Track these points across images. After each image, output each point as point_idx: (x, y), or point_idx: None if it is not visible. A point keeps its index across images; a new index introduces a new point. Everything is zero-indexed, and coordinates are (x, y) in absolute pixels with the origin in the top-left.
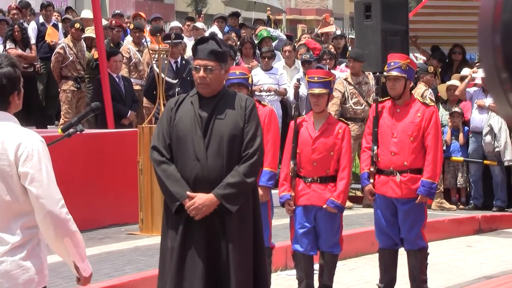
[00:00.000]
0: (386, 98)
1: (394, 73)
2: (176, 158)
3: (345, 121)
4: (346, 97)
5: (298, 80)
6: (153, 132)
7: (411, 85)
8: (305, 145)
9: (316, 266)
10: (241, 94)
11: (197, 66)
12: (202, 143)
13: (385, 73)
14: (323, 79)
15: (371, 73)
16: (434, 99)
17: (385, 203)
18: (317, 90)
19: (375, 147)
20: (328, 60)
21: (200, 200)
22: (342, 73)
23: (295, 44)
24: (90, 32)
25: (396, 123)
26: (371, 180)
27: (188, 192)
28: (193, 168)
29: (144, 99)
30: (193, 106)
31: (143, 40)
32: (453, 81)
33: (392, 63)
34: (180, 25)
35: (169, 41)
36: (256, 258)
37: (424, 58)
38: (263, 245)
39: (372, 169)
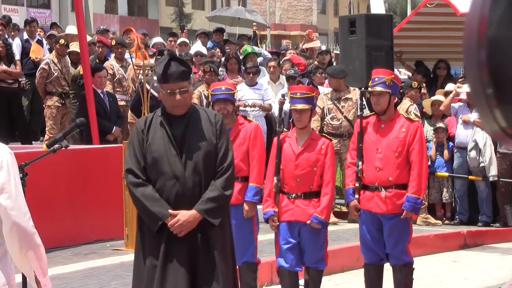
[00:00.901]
0: (371, 113)
1: (378, 88)
2: (153, 178)
3: (328, 136)
4: (325, 112)
5: (283, 95)
6: None
7: (395, 101)
8: (288, 161)
9: (301, 282)
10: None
11: (171, 91)
12: (179, 162)
13: (369, 89)
14: (306, 95)
15: (356, 88)
16: (419, 115)
17: (370, 219)
18: (299, 106)
19: (360, 163)
20: (318, 75)
21: (184, 217)
22: (326, 88)
23: (280, 59)
24: (75, 46)
25: (380, 138)
26: (356, 196)
27: (170, 211)
28: (172, 186)
29: (129, 115)
30: (164, 126)
31: (126, 56)
32: (438, 96)
33: (376, 79)
34: (162, 40)
35: (158, 57)
36: (234, 269)
37: (408, 74)
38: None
39: (357, 184)
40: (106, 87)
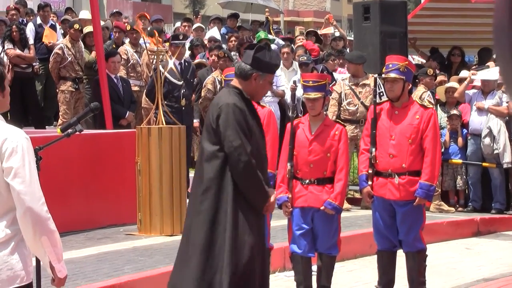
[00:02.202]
0: (384, 100)
1: (392, 75)
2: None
3: (342, 122)
4: (342, 98)
5: (295, 82)
6: (151, 133)
7: (409, 87)
8: (301, 147)
9: (314, 268)
10: None
11: (270, 81)
12: (264, 146)
13: (383, 75)
14: (318, 83)
15: (374, 75)
16: (432, 101)
17: (383, 205)
18: (312, 95)
19: (373, 149)
20: (331, 61)
21: (273, 198)
22: (340, 74)
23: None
24: (90, 29)
25: (394, 125)
26: (370, 182)
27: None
28: (265, 168)
29: (143, 100)
30: (253, 111)
31: (141, 41)
32: (452, 83)
33: (390, 65)
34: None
35: (177, 41)
36: None
37: (423, 61)
38: None
39: (370, 171)
40: (120, 72)
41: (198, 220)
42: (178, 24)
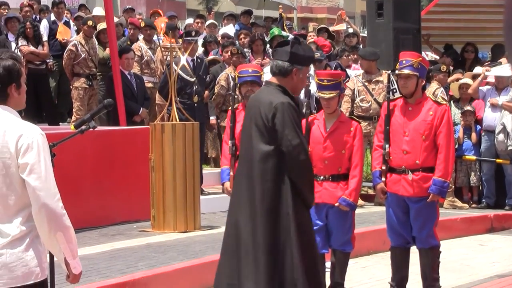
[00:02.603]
0: (398, 96)
1: (405, 71)
2: None
3: (357, 119)
4: (356, 94)
5: (308, 78)
6: (165, 129)
7: (423, 84)
8: (316, 143)
9: (328, 264)
10: None
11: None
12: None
13: (396, 71)
14: (333, 81)
15: (387, 72)
16: (446, 98)
17: (397, 202)
18: (327, 94)
19: (387, 146)
20: (345, 57)
21: None
22: (356, 71)
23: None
24: (104, 26)
25: (408, 121)
26: (383, 179)
27: None
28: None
29: (157, 96)
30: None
31: (155, 38)
32: (466, 80)
33: (404, 61)
34: (192, 22)
35: (189, 38)
36: None
37: (436, 57)
38: None
39: (383, 167)
40: (134, 68)
41: (259, 221)
42: (190, 20)
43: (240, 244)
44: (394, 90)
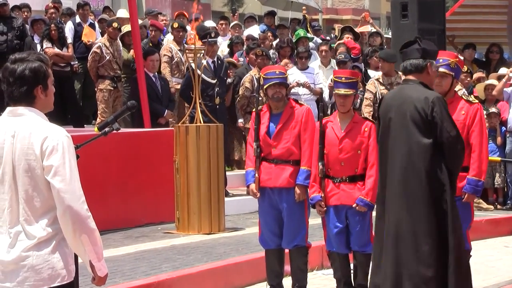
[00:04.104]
0: None
1: (442, 69)
2: None
3: (371, 119)
4: (377, 97)
5: (332, 80)
6: (189, 131)
7: (456, 85)
8: (332, 145)
9: (352, 266)
10: None
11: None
12: None
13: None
14: (350, 80)
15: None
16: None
17: None
18: (343, 91)
19: None
20: (375, 58)
21: None
22: (378, 72)
23: (335, 42)
24: (128, 28)
25: None
26: None
27: None
28: None
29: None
30: None
31: (184, 40)
32: (491, 81)
33: (441, 60)
34: (214, 24)
35: (210, 39)
36: None
37: (461, 58)
38: None
39: None
40: (165, 70)
41: (419, 209)
42: (208, 23)
43: (399, 233)
44: None
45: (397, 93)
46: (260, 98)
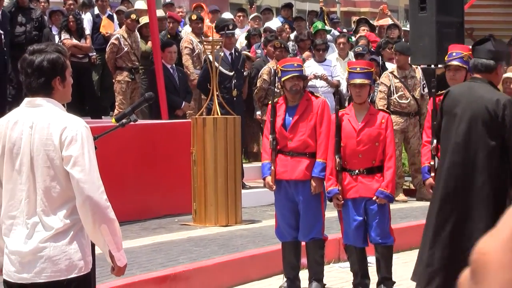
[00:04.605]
0: (444, 91)
1: (455, 62)
2: None
3: (386, 110)
4: (392, 90)
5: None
6: (206, 123)
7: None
8: (349, 138)
9: (370, 259)
10: None
11: None
12: None
13: (446, 63)
14: (365, 70)
15: (418, 66)
16: None
17: None
18: (358, 80)
19: (435, 141)
20: (388, 50)
21: None
22: (392, 65)
23: (354, 36)
24: (146, 20)
25: None
26: (432, 174)
27: None
28: None
29: None
30: None
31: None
32: (509, 74)
33: (454, 53)
34: (231, 16)
35: (228, 31)
36: None
37: None
38: None
39: (432, 162)
40: (187, 62)
41: (481, 207)
42: (225, 15)
43: (456, 231)
44: (424, 85)
45: (466, 90)
46: (277, 91)
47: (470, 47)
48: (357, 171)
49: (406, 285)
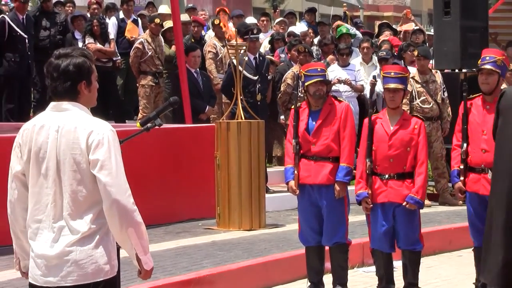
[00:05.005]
0: (476, 95)
1: (488, 66)
2: None
3: (420, 116)
4: (414, 95)
5: (374, 77)
6: (230, 127)
7: (503, 83)
8: (381, 142)
9: (395, 263)
10: None
11: None
12: None
13: (479, 67)
14: (400, 75)
15: (438, 71)
16: None
17: (479, 201)
18: (392, 85)
19: (465, 145)
20: (409, 53)
21: None
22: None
23: (377, 41)
24: (170, 24)
25: (486, 119)
26: (461, 178)
27: None
28: None
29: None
30: None
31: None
32: None
33: (487, 57)
34: (255, 20)
35: (252, 36)
36: None
37: None
38: None
39: (461, 166)
40: (210, 66)
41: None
42: (249, 19)
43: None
44: (444, 89)
45: None
46: (301, 95)
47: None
48: (387, 175)
49: None
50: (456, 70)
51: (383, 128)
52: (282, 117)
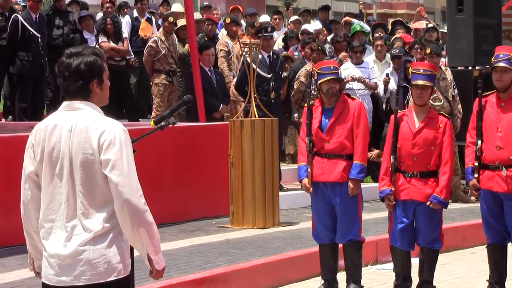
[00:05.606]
0: (490, 92)
1: (502, 64)
2: None
3: (447, 115)
4: None
5: (387, 74)
6: (244, 125)
7: None
8: (405, 140)
9: (415, 260)
10: None
11: None
12: None
13: (493, 64)
14: (428, 72)
15: (447, 68)
16: None
17: (492, 198)
18: (421, 82)
19: (479, 142)
20: (418, 50)
21: None
22: None
23: (391, 38)
24: (183, 23)
25: (500, 117)
26: (476, 175)
27: None
28: None
29: (230, 93)
30: None
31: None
32: None
33: (501, 55)
34: (268, 18)
35: (266, 34)
36: None
37: None
38: None
39: (476, 163)
40: (222, 65)
41: None
42: (263, 17)
43: None
44: (454, 86)
45: None
46: (315, 93)
47: None
48: (411, 173)
49: (444, 287)
50: (470, 68)
51: (408, 126)
52: (295, 114)
